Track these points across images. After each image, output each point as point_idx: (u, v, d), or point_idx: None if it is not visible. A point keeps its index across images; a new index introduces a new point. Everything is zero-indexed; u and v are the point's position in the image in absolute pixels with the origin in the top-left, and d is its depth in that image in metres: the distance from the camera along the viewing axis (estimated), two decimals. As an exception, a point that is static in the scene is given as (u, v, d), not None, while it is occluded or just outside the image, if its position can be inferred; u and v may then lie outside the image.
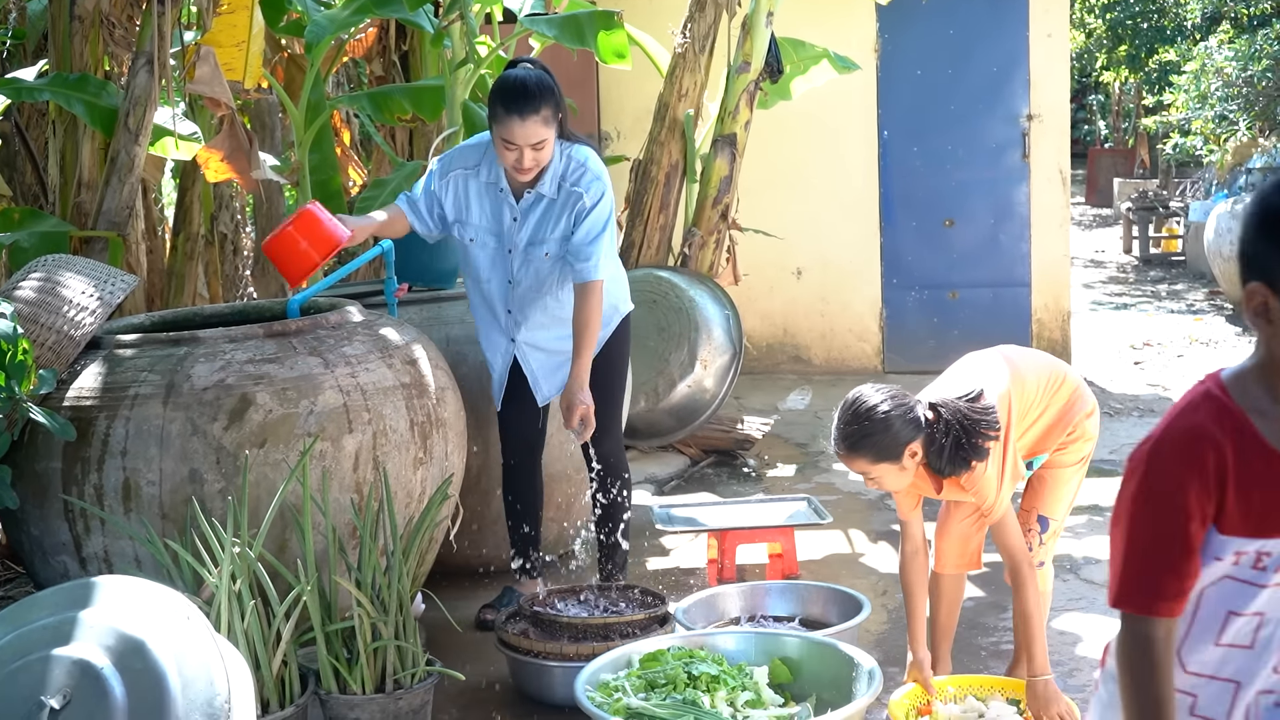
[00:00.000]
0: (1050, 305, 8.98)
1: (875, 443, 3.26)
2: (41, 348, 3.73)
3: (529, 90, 3.96)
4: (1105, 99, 28.06)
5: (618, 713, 3.22)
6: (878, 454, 3.27)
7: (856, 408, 3.29)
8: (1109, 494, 5.85)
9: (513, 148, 3.99)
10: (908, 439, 3.26)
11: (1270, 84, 12.79)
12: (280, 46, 6.72)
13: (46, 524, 3.71)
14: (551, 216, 4.15)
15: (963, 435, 3.28)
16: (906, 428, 3.26)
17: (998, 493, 3.36)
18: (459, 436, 4.21)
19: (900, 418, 3.25)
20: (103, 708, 2.42)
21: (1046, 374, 3.58)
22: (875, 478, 3.32)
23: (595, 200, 4.10)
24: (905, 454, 3.27)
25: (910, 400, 3.32)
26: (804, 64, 7.27)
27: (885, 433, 3.24)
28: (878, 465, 3.28)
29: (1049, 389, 3.55)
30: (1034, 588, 3.42)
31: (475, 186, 4.22)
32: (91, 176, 5.30)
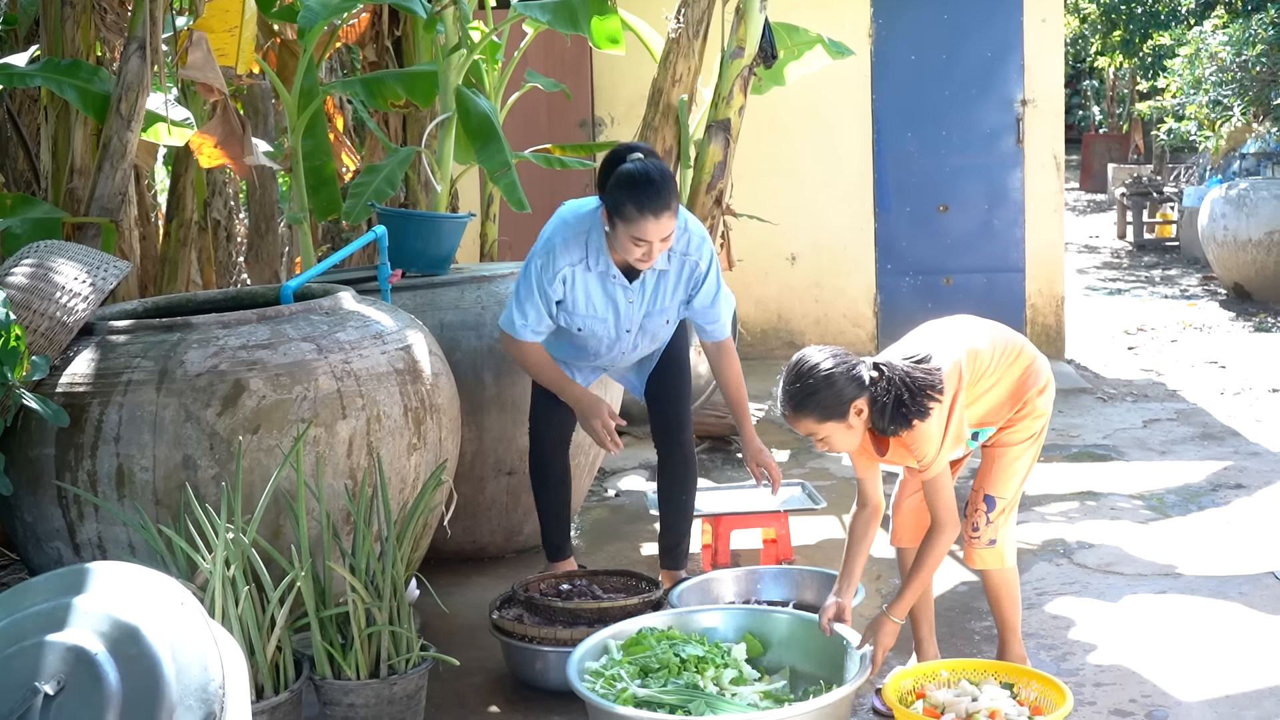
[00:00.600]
0: (1044, 290, 8.98)
1: (819, 400, 3.30)
2: (34, 334, 3.72)
3: (659, 187, 3.80)
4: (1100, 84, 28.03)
5: (626, 701, 3.23)
6: (823, 412, 3.31)
7: (800, 367, 3.34)
8: (1102, 479, 5.89)
9: (642, 244, 3.84)
10: (851, 396, 3.30)
11: (1264, 69, 12.78)
12: (273, 32, 6.69)
13: (40, 510, 3.71)
14: (666, 287, 4.11)
15: (905, 394, 3.30)
16: (850, 385, 3.30)
17: (937, 452, 3.39)
18: (453, 422, 4.21)
19: (843, 375, 3.30)
20: (97, 693, 2.42)
21: (1003, 345, 3.58)
22: (824, 438, 3.36)
23: (709, 262, 4.10)
24: (851, 411, 3.31)
25: (854, 359, 3.36)
26: (798, 49, 7.25)
27: (829, 389, 3.28)
28: (824, 424, 3.32)
29: (1004, 359, 3.55)
30: (942, 547, 3.44)
31: (585, 278, 4.04)
32: (84, 162, 5.28)
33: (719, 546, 4.84)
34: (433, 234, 5.20)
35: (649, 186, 3.79)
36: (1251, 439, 6.58)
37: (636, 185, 3.80)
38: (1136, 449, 6.48)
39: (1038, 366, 3.62)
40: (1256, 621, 4.17)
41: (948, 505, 3.44)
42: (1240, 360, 8.79)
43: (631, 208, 3.79)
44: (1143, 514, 5.37)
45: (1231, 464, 6.10)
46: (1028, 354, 3.61)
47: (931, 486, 3.45)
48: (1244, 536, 5.02)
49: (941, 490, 3.44)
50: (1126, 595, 4.44)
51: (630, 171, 3.83)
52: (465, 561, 4.95)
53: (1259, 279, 11.20)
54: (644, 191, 3.79)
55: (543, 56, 8.49)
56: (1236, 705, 3.57)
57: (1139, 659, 3.89)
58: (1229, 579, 4.56)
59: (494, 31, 6.19)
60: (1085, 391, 7.88)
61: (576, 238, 4.00)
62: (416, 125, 7.13)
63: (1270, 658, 3.87)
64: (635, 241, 3.83)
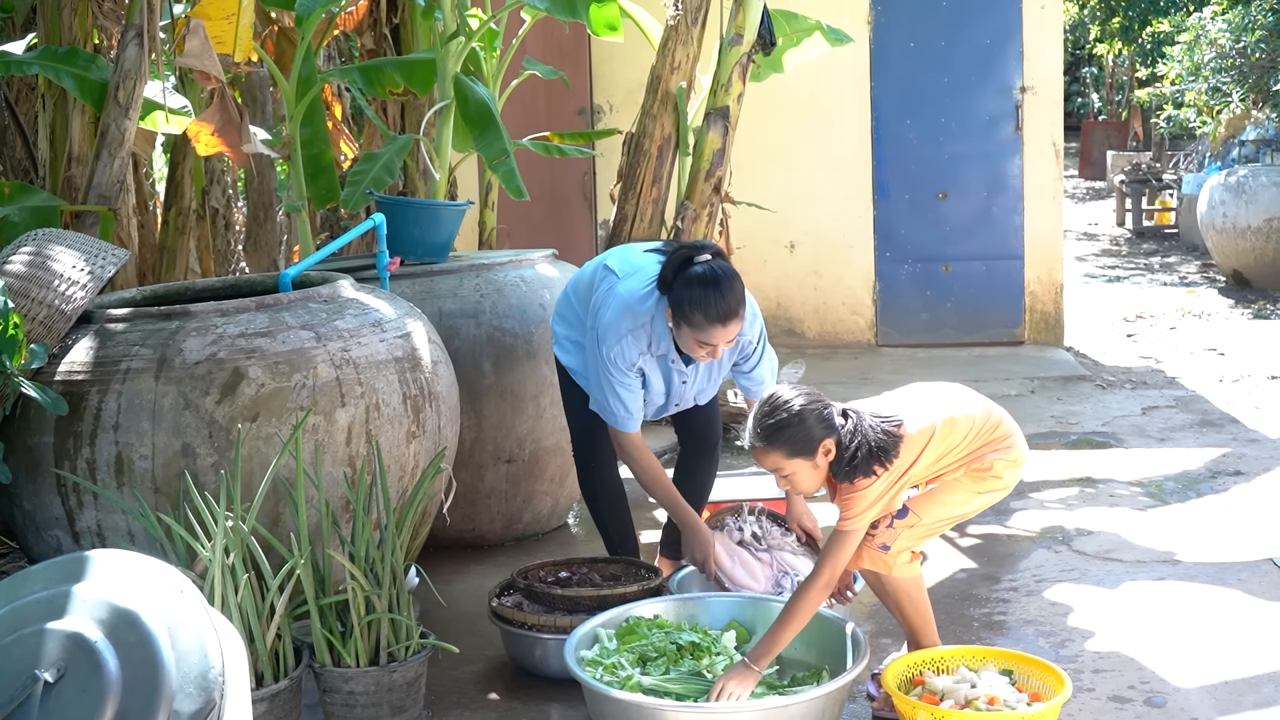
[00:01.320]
0: (1043, 278, 8.98)
1: (790, 436, 3.34)
2: (32, 322, 3.72)
3: (728, 297, 3.73)
4: (1099, 71, 28.00)
5: (633, 689, 3.24)
6: (792, 448, 3.35)
7: (774, 402, 3.38)
8: (1101, 465, 5.90)
9: (708, 346, 3.79)
10: (821, 435, 3.34)
11: (1264, 55, 12.76)
12: (270, 19, 6.68)
13: (39, 499, 3.71)
14: (718, 364, 4.11)
15: (863, 448, 3.34)
16: (820, 424, 3.34)
17: (862, 512, 3.40)
18: (452, 410, 4.21)
19: (814, 414, 3.35)
20: (96, 681, 2.42)
21: (982, 420, 3.56)
22: (789, 474, 3.39)
23: (758, 336, 4.09)
24: (819, 450, 3.35)
25: (825, 401, 3.41)
26: (797, 36, 7.24)
27: (800, 426, 3.33)
28: (792, 460, 3.36)
29: (981, 434, 3.54)
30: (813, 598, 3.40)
31: (650, 362, 4.02)
32: (82, 150, 5.27)
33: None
34: (431, 222, 5.19)
35: (719, 298, 3.72)
36: (1250, 426, 6.58)
37: (707, 294, 3.72)
38: (1135, 436, 6.49)
39: (1015, 442, 3.59)
40: (1255, 608, 4.17)
41: (838, 563, 3.41)
42: (1239, 347, 8.79)
43: (700, 316, 3.72)
44: (1141, 501, 5.37)
45: (1230, 451, 6.10)
46: (1006, 429, 3.59)
47: (839, 538, 3.42)
48: (1243, 523, 5.03)
49: (843, 547, 3.41)
50: (1125, 582, 4.45)
51: (700, 276, 3.74)
52: (464, 549, 4.95)
53: (1258, 266, 11.20)
54: (715, 302, 3.72)
55: (541, 44, 8.47)
56: (1235, 691, 3.58)
57: (1138, 646, 3.90)
58: (1228, 566, 4.56)
59: (492, 19, 6.18)
60: (1084, 379, 7.88)
61: (641, 327, 3.94)
62: (415, 113, 7.12)
63: (1268, 644, 3.87)
64: (700, 344, 3.79)
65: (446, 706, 3.70)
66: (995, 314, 9.01)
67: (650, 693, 3.26)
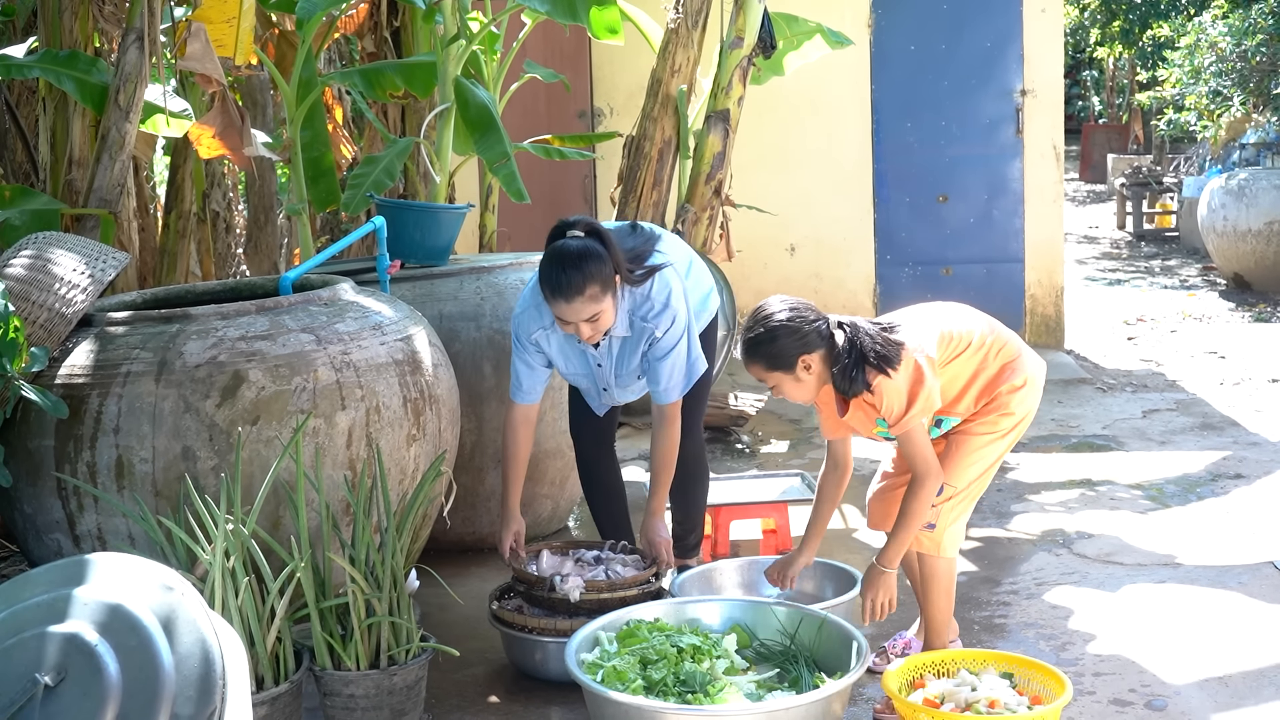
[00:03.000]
0: (1044, 281, 8.98)
1: (765, 350, 3.41)
2: (33, 326, 3.72)
3: (569, 272, 3.70)
4: (1099, 74, 28.01)
5: (637, 692, 3.24)
6: (769, 362, 3.43)
7: (757, 314, 3.46)
8: (1101, 468, 5.90)
9: (565, 323, 3.81)
10: (799, 350, 3.40)
11: (1264, 59, 12.76)
12: (271, 23, 6.69)
13: (39, 502, 3.71)
14: (629, 351, 4.07)
15: (862, 358, 3.37)
16: (798, 339, 3.39)
17: (905, 408, 3.41)
18: (452, 413, 4.21)
19: (793, 329, 3.40)
20: (97, 684, 2.42)
21: (988, 336, 3.60)
22: (773, 386, 3.48)
23: (665, 332, 3.96)
24: (799, 365, 3.41)
25: (815, 315, 3.44)
26: (797, 39, 7.25)
27: (773, 342, 3.40)
28: (772, 374, 3.45)
29: (983, 350, 3.57)
30: (926, 495, 3.48)
31: (555, 340, 4.05)
32: (82, 154, 5.27)
33: (718, 537, 4.84)
34: (432, 225, 5.19)
35: (559, 274, 3.71)
36: (1251, 429, 6.58)
37: (550, 270, 3.73)
38: (1136, 439, 6.49)
39: (1020, 365, 3.60)
40: (1255, 611, 4.17)
41: (925, 456, 3.46)
42: (1240, 350, 8.79)
43: (546, 290, 3.75)
44: (1142, 504, 5.37)
45: (1231, 454, 6.10)
46: (1012, 350, 3.61)
47: (906, 440, 3.46)
48: (1243, 526, 5.03)
49: (917, 442, 3.46)
50: (1126, 585, 4.45)
51: (552, 250, 3.77)
52: (465, 552, 4.95)
53: (1258, 269, 11.20)
54: (554, 278, 3.72)
55: (541, 47, 8.47)
56: (1236, 694, 3.58)
57: (1138, 649, 3.90)
58: (1228, 569, 4.56)
59: (493, 22, 6.18)
60: (1085, 382, 7.88)
61: (539, 304, 3.95)
62: (415, 116, 7.13)
63: (1269, 647, 3.87)
64: (559, 319, 3.81)
65: (447, 710, 3.70)
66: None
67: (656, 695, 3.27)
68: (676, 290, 3.99)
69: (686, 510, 4.48)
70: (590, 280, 3.71)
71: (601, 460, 4.46)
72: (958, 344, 3.55)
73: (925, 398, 3.43)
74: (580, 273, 3.70)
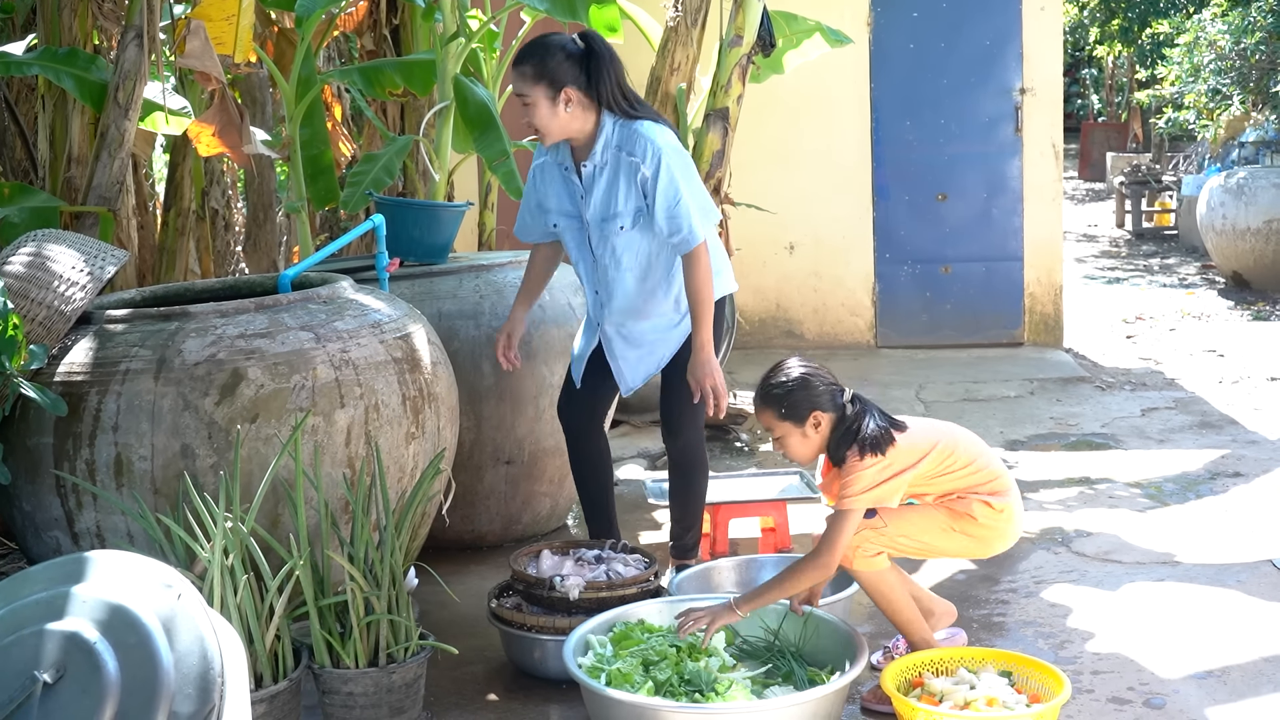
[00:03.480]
0: (1042, 279, 8.98)
1: (781, 400, 3.55)
2: (32, 323, 3.72)
3: (527, 44, 4.02)
4: (1098, 73, 28.00)
5: (650, 694, 3.25)
6: (782, 411, 3.55)
7: (779, 365, 3.63)
8: (1100, 467, 5.90)
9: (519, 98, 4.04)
10: (813, 406, 3.53)
11: (1263, 57, 12.76)
12: (270, 20, 6.69)
13: (38, 499, 3.71)
14: (617, 188, 4.07)
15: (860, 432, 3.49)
16: (813, 396, 3.53)
17: (861, 490, 3.47)
18: (451, 411, 4.21)
19: (811, 386, 3.54)
20: (95, 682, 2.42)
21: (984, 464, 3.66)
22: (779, 437, 3.59)
23: (655, 168, 3.97)
24: (809, 420, 3.53)
25: (832, 379, 3.60)
26: (796, 37, 7.24)
27: (792, 393, 3.53)
28: (782, 424, 3.56)
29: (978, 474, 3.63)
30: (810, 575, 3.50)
31: (552, 171, 4.21)
32: (81, 151, 5.27)
33: (717, 535, 4.84)
34: (431, 223, 5.19)
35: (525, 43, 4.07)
36: (1250, 427, 6.58)
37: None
38: (1135, 437, 6.49)
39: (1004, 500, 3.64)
40: (1254, 609, 4.17)
41: (837, 544, 3.47)
42: (1238, 349, 8.79)
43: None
44: (1141, 502, 5.37)
45: (1230, 452, 6.10)
46: (1003, 484, 3.67)
47: (835, 518, 3.50)
48: (1242, 525, 5.03)
49: (839, 525, 3.48)
50: (1124, 583, 4.45)
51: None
52: (464, 550, 4.95)
53: (1257, 267, 11.20)
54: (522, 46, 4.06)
55: (541, 45, 8.46)
56: (1234, 692, 3.58)
57: (1137, 647, 3.90)
58: (1227, 567, 4.56)
59: (492, 20, 6.18)
60: (1083, 380, 7.88)
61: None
62: (414, 114, 7.12)
63: (1267, 645, 3.87)
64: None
65: (445, 708, 3.70)
66: (995, 315, 9.01)
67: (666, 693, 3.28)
68: (669, 144, 4.02)
69: (685, 507, 4.46)
70: (530, 59, 3.98)
71: (589, 434, 4.43)
72: (955, 461, 3.61)
73: (881, 490, 3.50)
74: (532, 51, 3.99)
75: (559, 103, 3.99)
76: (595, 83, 4.00)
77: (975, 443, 3.72)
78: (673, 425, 4.34)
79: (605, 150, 4.05)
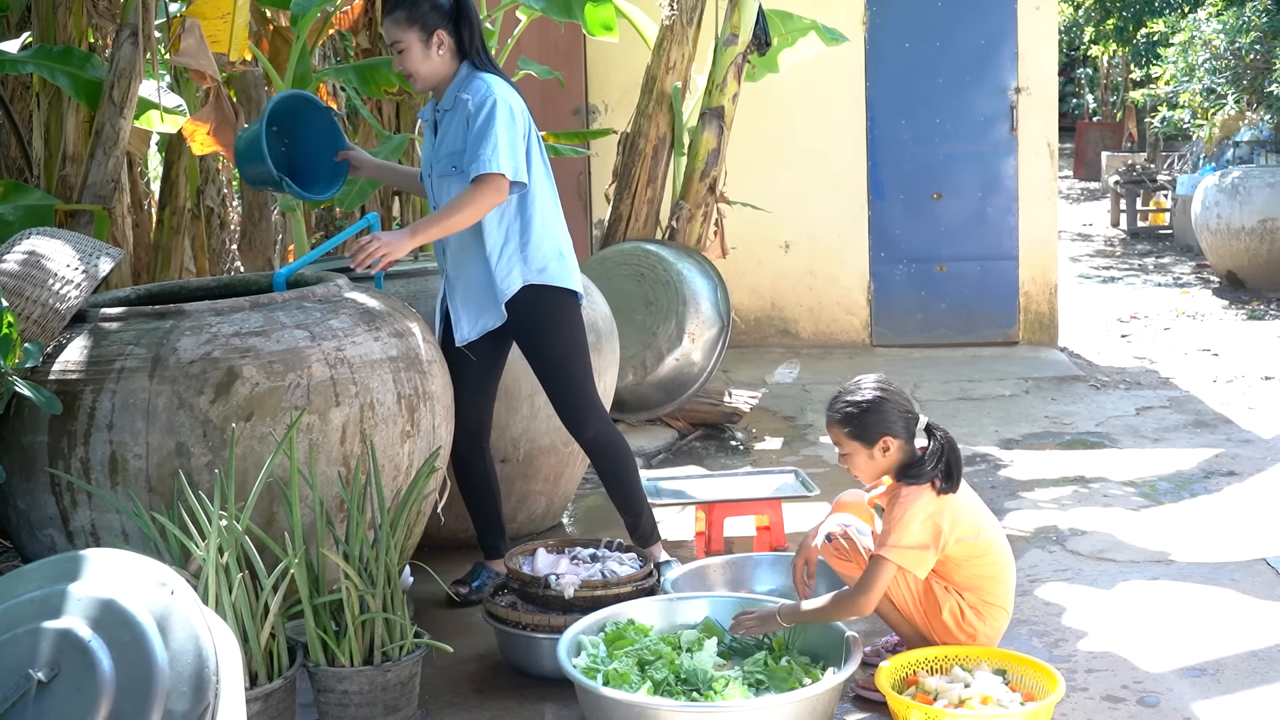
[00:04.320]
0: (1037, 279, 8.99)
1: (852, 419, 3.50)
2: (27, 321, 3.72)
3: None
4: (1093, 72, 28.03)
5: (649, 692, 3.25)
6: (854, 430, 3.51)
7: (859, 382, 3.56)
8: (1094, 465, 5.90)
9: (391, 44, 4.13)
10: (885, 430, 3.47)
11: (1258, 57, 12.77)
12: (265, 19, 6.68)
13: (33, 498, 3.71)
14: (450, 131, 4.14)
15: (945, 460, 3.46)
16: (885, 420, 3.47)
17: (906, 546, 3.42)
18: (446, 410, 4.20)
19: (884, 410, 3.48)
20: (90, 680, 2.42)
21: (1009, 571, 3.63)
22: (846, 454, 3.55)
23: (479, 107, 4.01)
24: (879, 443, 3.48)
25: (910, 405, 3.53)
26: (792, 36, 7.25)
27: (862, 414, 3.48)
28: (850, 442, 3.52)
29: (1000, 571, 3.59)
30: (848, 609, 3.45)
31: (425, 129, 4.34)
32: (76, 149, 5.26)
33: (712, 534, 4.84)
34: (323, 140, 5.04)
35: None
36: (1244, 426, 6.59)
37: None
38: (1129, 436, 6.50)
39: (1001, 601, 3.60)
40: (1249, 608, 4.18)
41: (875, 589, 3.43)
42: (1233, 348, 8.81)
43: None
44: (1135, 501, 5.38)
45: (1224, 451, 6.11)
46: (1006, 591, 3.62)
47: (878, 564, 3.44)
48: (1236, 523, 5.04)
49: (883, 573, 3.43)
50: (1119, 582, 4.46)
51: None
52: (459, 549, 4.95)
53: (1252, 267, 11.22)
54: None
55: (536, 44, 8.47)
56: (1228, 690, 3.58)
57: (1131, 645, 3.91)
58: (1221, 566, 4.57)
59: (488, 18, 6.18)
60: (1078, 379, 7.89)
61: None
62: (410, 112, 7.12)
63: (1262, 644, 3.88)
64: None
65: (441, 706, 3.70)
66: (990, 314, 9.02)
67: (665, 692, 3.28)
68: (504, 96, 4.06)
69: (624, 495, 4.41)
70: (403, 6, 4.05)
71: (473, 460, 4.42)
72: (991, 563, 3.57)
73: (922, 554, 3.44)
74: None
75: (431, 46, 4.09)
76: (461, 31, 4.11)
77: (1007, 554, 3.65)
78: (573, 418, 4.30)
79: (451, 94, 4.14)
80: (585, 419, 4.29)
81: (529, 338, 4.26)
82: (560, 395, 4.29)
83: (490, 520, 4.50)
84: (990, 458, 6.17)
